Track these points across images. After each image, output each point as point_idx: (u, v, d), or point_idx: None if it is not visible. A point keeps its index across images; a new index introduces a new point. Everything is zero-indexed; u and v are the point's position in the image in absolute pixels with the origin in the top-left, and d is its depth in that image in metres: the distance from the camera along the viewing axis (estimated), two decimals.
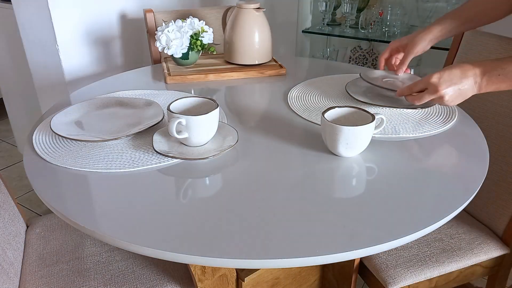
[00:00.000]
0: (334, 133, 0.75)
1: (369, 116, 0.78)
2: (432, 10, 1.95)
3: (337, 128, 0.74)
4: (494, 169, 1.06)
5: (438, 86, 0.81)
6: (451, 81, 0.81)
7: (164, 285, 0.88)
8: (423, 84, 0.85)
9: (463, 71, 0.81)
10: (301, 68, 1.32)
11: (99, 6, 1.51)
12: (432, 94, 0.83)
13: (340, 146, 0.76)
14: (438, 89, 0.82)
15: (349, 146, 0.76)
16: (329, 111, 0.80)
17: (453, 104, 0.85)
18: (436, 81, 0.81)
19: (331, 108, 0.81)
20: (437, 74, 0.82)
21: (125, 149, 0.81)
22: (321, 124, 0.79)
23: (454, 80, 0.81)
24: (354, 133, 0.74)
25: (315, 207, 0.66)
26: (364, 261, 1.01)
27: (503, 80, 0.80)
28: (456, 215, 0.67)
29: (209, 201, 0.68)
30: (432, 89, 0.83)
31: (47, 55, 1.49)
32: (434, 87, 0.82)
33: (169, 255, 0.58)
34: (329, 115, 0.79)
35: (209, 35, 1.22)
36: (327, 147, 0.80)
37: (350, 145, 0.76)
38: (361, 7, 2.13)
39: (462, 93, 0.82)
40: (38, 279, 0.90)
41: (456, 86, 0.81)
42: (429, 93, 0.84)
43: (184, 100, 0.83)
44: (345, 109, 0.82)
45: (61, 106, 1.02)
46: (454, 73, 0.81)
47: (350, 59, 2.32)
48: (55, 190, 0.70)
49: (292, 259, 0.57)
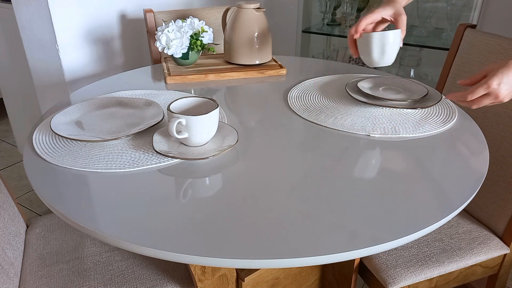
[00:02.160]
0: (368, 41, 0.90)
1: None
2: (432, 10, 1.95)
3: (370, 35, 0.90)
4: (494, 169, 1.06)
5: (499, 93, 0.84)
6: (508, 84, 0.83)
7: (164, 285, 0.88)
8: (483, 91, 0.85)
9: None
10: (301, 68, 1.32)
11: (99, 6, 1.51)
12: (493, 99, 0.86)
13: (374, 53, 0.91)
14: (499, 95, 0.84)
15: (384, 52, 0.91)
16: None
17: (508, 100, 0.87)
18: (496, 87, 0.84)
19: None
20: (496, 80, 0.83)
21: (125, 149, 0.81)
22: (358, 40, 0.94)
23: (510, 83, 0.83)
24: (384, 37, 0.90)
25: (315, 207, 0.66)
26: (364, 261, 1.01)
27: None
28: (456, 215, 0.67)
29: (209, 201, 0.68)
30: (493, 95, 0.85)
31: (47, 55, 1.49)
32: (495, 94, 0.84)
33: (169, 255, 0.58)
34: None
35: (209, 35, 1.22)
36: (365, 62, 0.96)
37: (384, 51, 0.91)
38: (361, 7, 2.13)
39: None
40: (38, 279, 0.90)
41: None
42: (489, 99, 0.86)
43: (184, 100, 0.83)
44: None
45: (61, 106, 1.02)
46: (510, 75, 0.83)
47: (350, 59, 2.32)
48: (55, 190, 0.70)
49: (292, 259, 0.57)
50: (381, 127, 0.91)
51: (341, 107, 1.00)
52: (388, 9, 0.95)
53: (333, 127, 0.91)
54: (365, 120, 0.94)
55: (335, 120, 0.94)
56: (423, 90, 1.04)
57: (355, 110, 0.99)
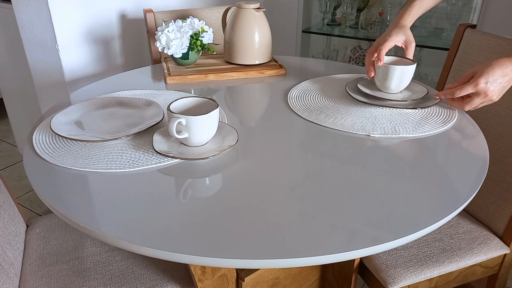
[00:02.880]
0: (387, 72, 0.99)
1: (410, 61, 1.02)
2: (432, 10, 1.95)
3: (391, 67, 0.98)
4: (494, 169, 1.06)
5: (487, 91, 0.88)
6: (496, 81, 0.88)
7: (164, 285, 0.88)
8: (471, 89, 0.90)
9: (503, 69, 0.87)
10: (301, 68, 1.32)
11: (99, 6, 1.51)
12: (482, 99, 0.90)
13: (393, 83, 1.00)
14: (488, 93, 0.88)
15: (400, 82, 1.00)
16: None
17: (497, 99, 0.91)
18: (483, 86, 0.88)
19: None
20: (483, 79, 0.88)
21: (125, 149, 0.81)
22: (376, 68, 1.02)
23: (498, 80, 0.88)
24: (404, 71, 0.99)
25: (315, 207, 0.66)
26: (364, 261, 1.01)
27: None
28: (456, 215, 0.67)
29: (209, 201, 0.68)
30: (482, 94, 0.89)
31: (47, 55, 1.49)
32: (483, 92, 0.89)
33: (169, 255, 0.58)
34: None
35: (209, 35, 1.22)
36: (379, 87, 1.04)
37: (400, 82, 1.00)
38: (361, 7, 2.13)
39: (505, 88, 0.89)
40: (38, 279, 0.90)
41: (501, 85, 0.88)
42: (479, 98, 0.90)
43: (184, 100, 0.83)
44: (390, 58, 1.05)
45: (61, 106, 1.02)
46: (496, 72, 0.88)
47: (350, 59, 2.32)
48: (55, 190, 0.70)
49: (292, 259, 0.57)
50: (381, 127, 0.91)
51: (341, 107, 1.00)
52: (400, 36, 1.02)
53: (333, 127, 0.91)
54: (365, 120, 0.94)
55: (335, 120, 0.94)
56: (423, 90, 1.04)
57: (355, 110, 0.99)
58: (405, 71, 0.99)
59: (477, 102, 0.91)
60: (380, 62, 1.00)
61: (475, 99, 0.91)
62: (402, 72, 0.98)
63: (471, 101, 0.92)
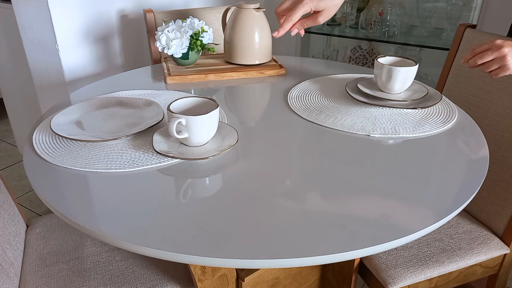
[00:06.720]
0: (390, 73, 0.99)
1: (412, 62, 1.03)
2: (432, 10, 1.95)
3: (394, 68, 0.99)
4: (494, 169, 1.06)
5: (503, 46, 0.87)
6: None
7: (164, 285, 0.88)
8: (487, 45, 0.89)
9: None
10: (301, 68, 1.32)
11: (99, 6, 1.51)
12: (495, 52, 0.88)
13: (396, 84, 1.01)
14: (503, 47, 0.87)
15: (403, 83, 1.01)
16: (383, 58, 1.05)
17: (510, 64, 0.88)
18: (500, 42, 0.87)
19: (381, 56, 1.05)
20: (500, 40, 0.87)
21: (125, 149, 0.81)
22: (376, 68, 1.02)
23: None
24: (407, 72, 0.99)
25: (315, 207, 0.66)
26: (364, 261, 1.01)
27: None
28: (456, 215, 0.67)
29: (209, 201, 0.68)
30: (495, 48, 0.87)
31: (47, 55, 1.49)
32: (498, 46, 0.87)
33: (169, 255, 0.58)
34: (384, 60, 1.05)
35: (209, 35, 1.22)
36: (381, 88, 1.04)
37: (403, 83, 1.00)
38: (361, 7, 2.13)
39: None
40: (38, 279, 0.90)
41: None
42: (492, 51, 0.88)
43: (184, 100, 0.83)
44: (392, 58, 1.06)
45: (61, 106, 1.02)
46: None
47: (350, 59, 2.32)
48: (55, 190, 0.70)
49: (292, 259, 0.57)
50: (381, 127, 0.91)
51: (341, 107, 1.00)
52: (315, 2, 0.91)
53: (333, 127, 0.91)
54: (365, 120, 0.94)
55: (335, 120, 0.94)
56: (423, 90, 1.04)
57: (355, 110, 0.99)
58: (408, 72, 0.99)
59: (489, 55, 0.88)
60: (281, 30, 0.96)
61: (487, 52, 0.88)
62: (406, 73, 0.99)
63: (483, 55, 0.89)
